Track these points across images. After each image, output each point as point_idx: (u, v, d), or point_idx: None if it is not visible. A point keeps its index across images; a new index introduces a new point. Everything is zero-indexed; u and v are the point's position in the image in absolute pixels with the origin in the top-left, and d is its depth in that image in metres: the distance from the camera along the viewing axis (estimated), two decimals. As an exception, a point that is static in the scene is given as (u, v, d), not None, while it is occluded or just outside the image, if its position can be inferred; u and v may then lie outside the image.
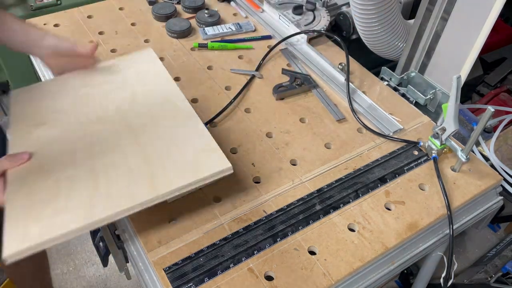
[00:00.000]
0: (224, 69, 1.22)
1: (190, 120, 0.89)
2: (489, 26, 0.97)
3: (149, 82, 0.98)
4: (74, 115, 0.91)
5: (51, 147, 0.84)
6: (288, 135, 1.04)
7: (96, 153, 0.83)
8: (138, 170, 0.79)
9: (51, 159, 0.82)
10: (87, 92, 0.96)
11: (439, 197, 0.92)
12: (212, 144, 0.83)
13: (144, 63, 1.04)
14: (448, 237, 0.89)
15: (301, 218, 0.87)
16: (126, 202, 0.73)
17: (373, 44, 1.28)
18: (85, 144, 0.85)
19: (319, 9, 1.38)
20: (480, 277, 1.45)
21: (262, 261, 0.80)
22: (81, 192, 0.75)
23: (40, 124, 0.89)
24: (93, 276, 1.72)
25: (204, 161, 0.80)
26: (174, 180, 0.77)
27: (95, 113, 0.91)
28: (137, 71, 1.02)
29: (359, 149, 1.01)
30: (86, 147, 0.84)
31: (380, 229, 0.86)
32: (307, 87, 1.16)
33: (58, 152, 0.83)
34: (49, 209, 0.72)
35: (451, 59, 1.09)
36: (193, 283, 0.76)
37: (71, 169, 0.79)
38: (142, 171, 0.79)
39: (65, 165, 0.80)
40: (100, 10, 1.40)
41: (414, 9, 1.39)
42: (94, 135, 0.86)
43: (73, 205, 0.73)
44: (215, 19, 1.35)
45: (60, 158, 0.82)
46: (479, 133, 0.89)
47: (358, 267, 0.80)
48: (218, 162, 0.80)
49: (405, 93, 1.19)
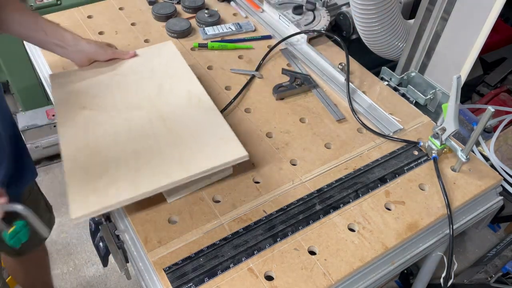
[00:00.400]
0: (224, 69, 1.22)
1: (211, 112, 0.98)
2: (489, 26, 0.97)
3: (173, 73, 1.08)
4: (111, 101, 1.02)
5: (96, 129, 0.95)
6: (288, 135, 1.04)
7: (134, 137, 0.93)
8: (171, 153, 0.90)
9: (98, 140, 0.92)
10: (119, 80, 1.07)
11: (439, 197, 0.92)
12: (230, 134, 0.93)
13: (166, 55, 1.15)
14: (448, 237, 0.89)
15: (301, 218, 0.87)
16: (165, 179, 0.84)
17: (373, 44, 1.28)
18: (124, 128, 0.95)
19: (319, 9, 1.38)
20: (480, 277, 1.45)
21: (262, 261, 0.80)
22: (126, 169, 0.86)
23: (83, 108, 1.00)
24: (93, 276, 1.72)
25: (224, 148, 0.90)
26: (202, 163, 0.87)
27: (129, 100, 1.02)
28: (161, 63, 1.12)
29: (359, 149, 1.01)
30: (125, 131, 0.94)
31: (380, 229, 0.86)
32: (307, 87, 1.16)
33: (103, 134, 0.94)
34: (102, 182, 0.83)
35: (451, 59, 1.09)
36: (193, 283, 0.76)
37: (116, 150, 0.90)
38: (174, 154, 0.89)
39: (110, 146, 0.91)
40: (100, 10, 1.40)
41: (414, 9, 1.39)
42: (131, 120, 0.97)
43: (121, 180, 0.84)
44: (215, 19, 1.35)
45: (105, 139, 0.92)
46: (479, 133, 0.89)
47: (358, 267, 0.80)
48: (236, 150, 0.90)
49: (405, 93, 1.19)
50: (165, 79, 1.07)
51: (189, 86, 1.05)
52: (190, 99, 1.02)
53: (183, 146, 0.91)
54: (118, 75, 1.08)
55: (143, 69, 1.10)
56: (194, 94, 1.03)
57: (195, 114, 0.98)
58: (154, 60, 1.12)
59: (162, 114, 0.98)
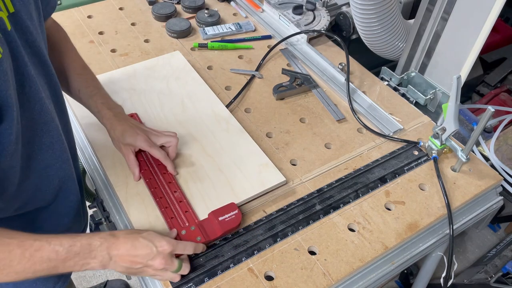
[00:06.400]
0: (224, 69, 1.22)
1: (242, 135, 1.01)
2: (489, 26, 0.97)
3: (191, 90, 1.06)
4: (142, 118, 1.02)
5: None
6: (288, 135, 1.04)
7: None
8: (218, 178, 0.91)
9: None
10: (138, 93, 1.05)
11: (439, 197, 0.92)
12: (266, 159, 0.96)
13: (177, 66, 1.17)
14: (448, 237, 0.89)
15: (301, 218, 0.87)
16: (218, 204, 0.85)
17: (373, 44, 1.28)
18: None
19: (319, 9, 1.38)
20: (480, 277, 1.45)
21: (262, 261, 0.80)
22: None
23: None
24: (93, 276, 1.72)
25: (265, 175, 0.93)
26: (249, 190, 0.90)
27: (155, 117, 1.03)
28: (174, 75, 1.13)
29: (359, 149, 1.01)
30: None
31: (380, 229, 0.86)
32: (307, 87, 1.16)
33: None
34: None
35: (451, 59, 1.09)
36: (193, 283, 0.76)
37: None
38: (221, 180, 0.91)
39: None
40: (100, 10, 1.40)
41: (414, 9, 1.39)
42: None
43: None
44: (215, 19, 1.35)
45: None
46: (479, 133, 0.89)
47: (358, 267, 0.80)
48: (275, 176, 0.93)
49: (405, 93, 1.19)
50: (185, 96, 1.09)
51: (211, 105, 1.07)
52: (219, 122, 1.03)
53: (227, 171, 0.93)
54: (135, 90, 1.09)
55: (158, 82, 1.12)
56: (221, 118, 1.04)
57: (228, 138, 1.00)
58: (167, 73, 1.13)
59: (193, 134, 1.00)
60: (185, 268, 0.75)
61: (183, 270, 0.75)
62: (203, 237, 0.80)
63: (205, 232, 0.80)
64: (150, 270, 0.72)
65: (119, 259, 0.69)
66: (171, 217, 0.83)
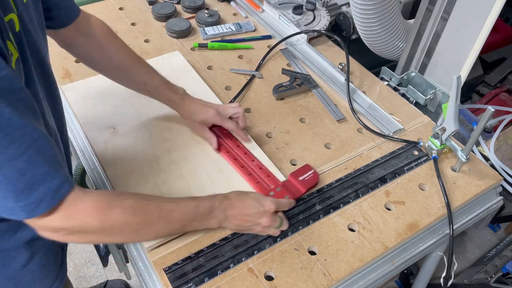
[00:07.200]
0: (224, 69, 1.22)
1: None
2: (489, 26, 0.97)
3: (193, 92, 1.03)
4: (138, 119, 1.03)
5: (135, 153, 0.95)
6: (288, 135, 1.04)
7: (176, 159, 0.95)
8: (217, 177, 0.92)
9: (140, 165, 0.93)
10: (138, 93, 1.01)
11: (439, 197, 0.92)
12: (266, 159, 0.96)
13: (177, 66, 1.17)
14: (448, 237, 0.89)
15: (301, 218, 0.87)
16: None
17: (373, 44, 1.28)
18: (162, 151, 0.96)
19: (319, 9, 1.38)
20: (480, 277, 1.45)
21: (262, 261, 0.80)
22: (179, 193, 0.88)
23: (111, 127, 1.00)
24: (93, 276, 1.72)
25: None
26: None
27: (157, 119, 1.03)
28: (175, 76, 1.10)
29: (359, 149, 1.01)
30: (164, 154, 0.96)
31: (380, 229, 0.86)
32: (307, 87, 1.16)
33: (143, 158, 0.94)
34: None
35: (451, 59, 1.09)
36: (193, 283, 0.76)
37: (163, 175, 0.91)
38: (221, 179, 0.92)
39: (155, 171, 0.92)
40: (100, 10, 1.40)
41: (414, 9, 1.39)
42: (167, 142, 0.98)
43: None
44: (215, 19, 1.35)
45: (147, 164, 0.93)
46: (479, 133, 0.89)
47: (358, 267, 0.80)
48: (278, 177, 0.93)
49: (405, 93, 1.19)
50: None
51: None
52: None
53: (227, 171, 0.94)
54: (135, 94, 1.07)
55: None
56: None
57: None
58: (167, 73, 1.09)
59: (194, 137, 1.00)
60: (285, 224, 0.83)
61: (284, 226, 0.83)
62: (291, 195, 0.87)
63: (290, 192, 0.88)
64: (258, 228, 0.80)
65: (233, 218, 0.79)
66: (256, 181, 0.90)
